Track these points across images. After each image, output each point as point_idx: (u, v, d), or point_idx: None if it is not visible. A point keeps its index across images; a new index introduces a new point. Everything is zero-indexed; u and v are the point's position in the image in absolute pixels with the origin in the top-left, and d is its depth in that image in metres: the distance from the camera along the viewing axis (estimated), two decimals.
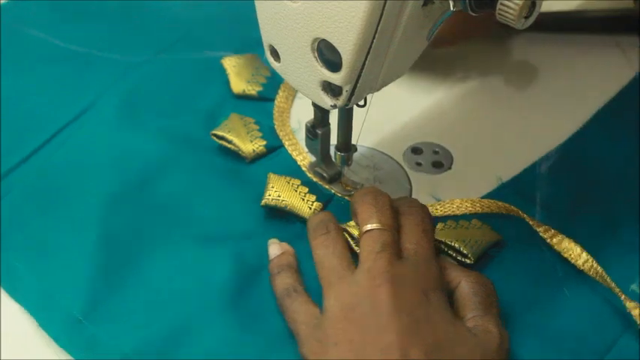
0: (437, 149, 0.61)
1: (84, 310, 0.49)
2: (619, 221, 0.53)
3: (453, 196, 0.56)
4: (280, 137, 0.61)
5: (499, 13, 0.42)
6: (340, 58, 0.44)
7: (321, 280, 0.47)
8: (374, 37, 0.43)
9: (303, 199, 0.54)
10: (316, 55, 0.46)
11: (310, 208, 0.54)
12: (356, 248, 0.49)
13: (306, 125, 0.55)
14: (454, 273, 0.47)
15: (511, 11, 0.41)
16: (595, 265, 0.49)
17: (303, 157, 0.59)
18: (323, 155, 0.56)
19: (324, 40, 0.44)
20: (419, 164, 0.60)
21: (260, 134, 0.60)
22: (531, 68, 0.69)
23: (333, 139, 0.55)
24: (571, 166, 0.57)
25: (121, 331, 0.48)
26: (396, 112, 0.63)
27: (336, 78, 0.45)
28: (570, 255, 0.50)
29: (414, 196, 0.57)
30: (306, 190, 0.55)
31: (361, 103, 0.50)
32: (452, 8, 0.43)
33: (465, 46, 0.68)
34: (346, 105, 0.47)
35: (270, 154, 0.59)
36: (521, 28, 0.42)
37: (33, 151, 0.59)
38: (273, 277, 0.49)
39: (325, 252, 0.48)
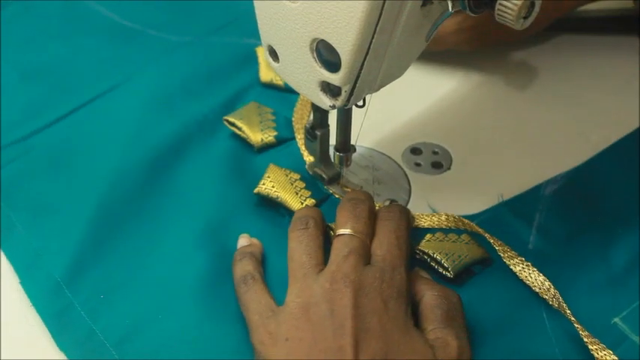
0: (436, 150, 0.61)
1: (66, 275, 0.51)
2: (613, 256, 0.52)
3: (453, 196, 0.56)
4: (295, 130, 0.61)
5: (498, 14, 0.42)
6: (339, 59, 0.44)
7: (289, 274, 0.48)
8: (373, 38, 0.43)
9: (297, 194, 0.55)
10: (315, 55, 0.46)
11: (302, 204, 0.54)
12: None
13: (305, 126, 0.55)
14: (420, 285, 0.47)
15: (510, 11, 0.41)
16: (556, 294, 0.48)
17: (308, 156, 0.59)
18: (322, 156, 0.56)
19: (322, 40, 0.44)
20: (418, 165, 0.60)
21: (273, 125, 0.61)
22: (531, 68, 0.69)
23: (332, 140, 0.55)
24: (577, 194, 0.56)
25: (96, 305, 0.49)
26: (395, 113, 0.63)
27: (335, 78, 0.45)
28: (532, 283, 0.50)
29: (412, 197, 0.57)
30: (303, 185, 0.55)
31: (360, 103, 0.50)
32: (450, 9, 0.43)
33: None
34: (345, 105, 0.47)
35: (280, 145, 0.60)
36: (520, 29, 0.42)
37: (61, 116, 0.63)
38: (235, 263, 0.50)
39: (297, 246, 0.48)
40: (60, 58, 0.69)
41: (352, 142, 0.55)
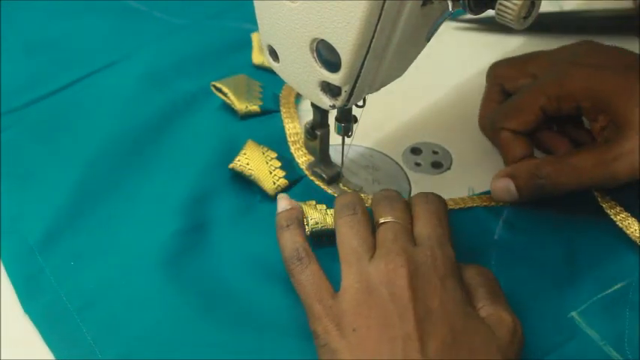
0: (436, 149, 0.61)
1: (40, 240, 0.53)
2: (577, 251, 0.52)
3: (452, 196, 0.56)
4: (281, 104, 0.62)
5: (498, 14, 0.42)
6: (339, 59, 0.44)
7: (340, 259, 0.47)
8: (373, 37, 0.43)
9: (271, 173, 0.55)
10: (315, 55, 0.46)
11: (274, 184, 0.55)
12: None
13: (305, 126, 0.55)
14: (460, 264, 0.47)
15: (510, 11, 0.41)
16: None
17: (294, 127, 0.60)
18: (322, 156, 0.56)
19: (322, 40, 0.44)
20: (418, 164, 0.60)
21: (259, 96, 0.62)
22: None
23: (332, 140, 0.55)
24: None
25: (65, 271, 0.51)
26: (395, 112, 0.63)
27: (335, 78, 0.45)
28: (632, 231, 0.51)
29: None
30: (278, 165, 0.56)
31: (360, 103, 0.50)
32: (450, 9, 0.43)
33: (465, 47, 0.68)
34: (345, 105, 0.47)
35: (264, 116, 0.61)
36: (521, 29, 0.42)
37: (58, 89, 0.65)
38: (281, 230, 0.49)
39: (349, 232, 0.47)
40: (64, 33, 0.71)
41: (352, 142, 0.55)
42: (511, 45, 0.71)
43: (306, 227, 0.50)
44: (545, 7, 0.45)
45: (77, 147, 0.60)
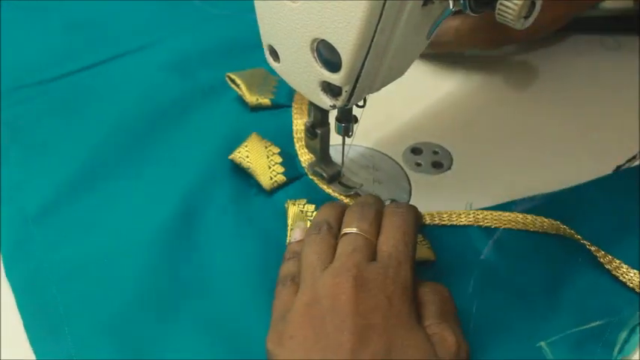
0: (436, 149, 0.61)
1: (36, 210, 0.54)
2: (559, 285, 0.51)
3: (453, 196, 0.56)
4: (294, 100, 0.63)
5: (498, 13, 0.42)
6: (339, 59, 0.44)
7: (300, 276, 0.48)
8: (373, 37, 0.43)
9: (270, 168, 0.56)
10: (315, 55, 0.46)
11: (271, 179, 0.55)
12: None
13: (306, 125, 0.55)
14: (417, 280, 0.47)
15: (510, 11, 0.41)
16: None
17: (302, 123, 0.60)
18: (322, 155, 0.56)
19: (323, 40, 0.44)
20: (418, 164, 0.59)
21: (273, 90, 0.62)
22: (531, 68, 0.69)
23: (333, 141, 0.55)
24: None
25: (53, 242, 0.52)
26: (395, 112, 0.63)
27: (335, 78, 0.45)
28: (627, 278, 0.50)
29: (412, 197, 0.57)
30: (279, 160, 0.56)
31: (360, 103, 0.50)
32: (451, 8, 0.43)
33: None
34: (345, 105, 0.47)
35: (274, 109, 0.61)
36: (521, 28, 0.42)
37: (85, 66, 0.67)
38: (283, 261, 0.50)
39: (308, 250, 0.48)
40: (105, 14, 0.73)
41: (352, 141, 0.55)
42: (511, 45, 0.71)
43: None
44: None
45: (91, 126, 0.61)
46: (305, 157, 0.58)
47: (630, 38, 0.70)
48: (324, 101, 0.47)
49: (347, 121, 0.53)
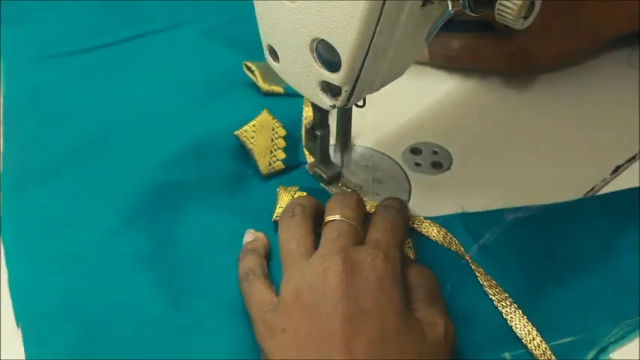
0: (436, 149, 0.61)
1: (40, 172, 0.57)
2: (534, 302, 0.49)
3: (452, 196, 0.56)
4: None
5: (498, 14, 0.42)
6: (339, 59, 0.44)
7: (282, 265, 0.47)
8: (373, 37, 0.43)
9: (271, 152, 0.57)
10: (315, 55, 0.46)
11: (270, 164, 0.57)
12: None
13: (305, 126, 0.55)
14: (406, 262, 0.47)
15: (510, 11, 0.41)
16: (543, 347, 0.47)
17: (309, 110, 0.61)
18: (322, 156, 0.56)
19: (322, 40, 0.44)
20: (418, 164, 0.59)
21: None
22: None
23: (332, 140, 0.55)
24: (535, 231, 0.53)
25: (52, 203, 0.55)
26: (395, 112, 0.63)
27: (335, 78, 0.45)
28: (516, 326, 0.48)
29: (412, 197, 0.57)
30: (283, 145, 0.58)
31: (360, 103, 0.50)
32: (450, 8, 0.43)
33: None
34: (345, 105, 0.47)
35: (285, 97, 0.63)
36: (520, 28, 0.42)
37: (112, 42, 0.69)
38: (239, 261, 0.50)
39: (285, 235, 0.48)
40: None
41: (352, 142, 0.55)
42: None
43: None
44: None
45: (105, 100, 0.63)
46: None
47: (630, 37, 0.70)
48: (324, 101, 0.47)
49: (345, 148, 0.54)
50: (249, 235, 0.52)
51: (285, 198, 0.54)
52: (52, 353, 0.46)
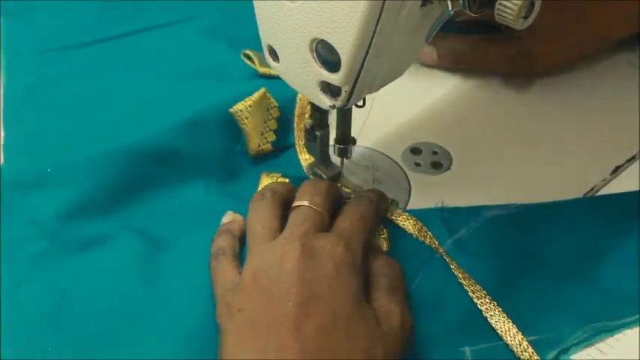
0: (436, 150, 0.61)
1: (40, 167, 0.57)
2: (504, 299, 0.49)
3: (452, 196, 0.56)
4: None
5: (498, 14, 0.42)
6: (339, 59, 0.44)
7: (247, 246, 0.48)
8: (372, 37, 0.43)
9: (262, 134, 0.58)
10: (315, 55, 0.46)
11: (259, 146, 0.58)
12: None
13: (305, 127, 0.55)
14: (372, 253, 0.47)
15: (509, 11, 0.41)
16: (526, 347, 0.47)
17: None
18: (322, 156, 0.56)
19: (322, 40, 0.44)
20: (418, 165, 0.59)
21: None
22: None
23: (332, 140, 0.55)
24: (513, 230, 0.53)
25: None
26: (395, 113, 0.63)
27: (334, 78, 0.45)
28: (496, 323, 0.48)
29: (412, 197, 0.57)
30: (274, 127, 0.59)
31: (360, 103, 0.50)
32: (450, 8, 0.43)
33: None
34: (345, 105, 0.47)
35: (281, 79, 0.62)
36: (520, 28, 0.42)
37: (114, 36, 0.70)
38: (212, 240, 0.50)
39: (252, 218, 0.48)
40: None
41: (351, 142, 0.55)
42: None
43: None
44: None
45: (104, 95, 0.63)
46: (300, 126, 0.59)
47: (630, 37, 0.70)
48: (324, 101, 0.47)
49: (345, 143, 0.54)
50: (228, 217, 0.52)
51: (265, 183, 0.54)
52: (25, 319, 0.47)
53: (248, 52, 0.65)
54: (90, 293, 0.49)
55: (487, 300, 0.48)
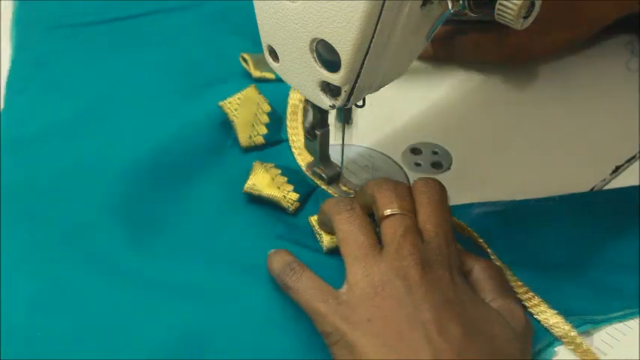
0: (436, 150, 0.61)
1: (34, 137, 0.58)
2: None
3: (452, 196, 0.55)
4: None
5: (498, 13, 0.42)
6: (339, 59, 0.44)
7: (345, 256, 0.46)
8: (372, 37, 0.43)
9: (253, 126, 0.58)
10: (315, 55, 0.46)
11: (250, 137, 0.58)
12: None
13: (305, 126, 0.55)
14: (465, 257, 0.47)
15: (509, 11, 0.41)
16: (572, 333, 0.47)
17: (298, 97, 0.62)
18: (322, 156, 0.56)
19: (322, 40, 0.44)
20: (418, 165, 0.59)
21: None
22: (531, 68, 0.69)
23: (332, 140, 0.55)
24: (500, 227, 0.53)
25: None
26: (395, 113, 0.63)
27: (334, 78, 0.45)
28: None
29: None
30: (265, 120, 0.59)
31: (360, 103, 0.50)
32: (450, 8, 0.43)
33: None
34: (345, 105, 0.47)
35: (275, 82, 0.62)
36: (520, 28, 0.42)
37: (124, 17, 0.71)
38: (270, 258, 0.49)
39: (351, 228, 0.47)
40: None
41: (352, 142, 0.55)
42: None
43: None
44: None
45: (106, 74, 0.64)
46: (293, 123, 0.60)
47: (630, 38, 0.70)
48: (324, 101, 0.47)
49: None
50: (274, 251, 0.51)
51: (259, 172, 0.54)
52: (14, 302, 0.48)
53: (245, 55, 0.65)
54: (81, 274, 0.49)
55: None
